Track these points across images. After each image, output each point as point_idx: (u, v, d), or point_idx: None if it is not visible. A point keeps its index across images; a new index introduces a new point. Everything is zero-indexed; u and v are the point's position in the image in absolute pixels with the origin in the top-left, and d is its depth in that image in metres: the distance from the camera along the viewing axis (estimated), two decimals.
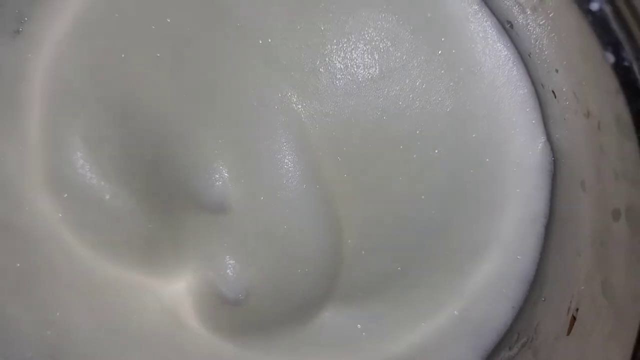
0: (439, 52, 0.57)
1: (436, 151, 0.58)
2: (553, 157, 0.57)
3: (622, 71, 0.38)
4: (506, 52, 0.57)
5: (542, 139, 0.56)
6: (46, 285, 0.59)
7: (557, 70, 0.49)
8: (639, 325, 0.41)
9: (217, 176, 0.56)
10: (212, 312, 0.60)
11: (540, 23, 0.50)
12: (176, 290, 0.60)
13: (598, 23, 0.39)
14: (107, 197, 0.59)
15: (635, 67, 0.37)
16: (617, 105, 0.39)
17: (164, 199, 0.58)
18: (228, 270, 0.58)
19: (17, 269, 0.59)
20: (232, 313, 0.60)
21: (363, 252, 0.60)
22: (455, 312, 0.61)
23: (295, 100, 0.57)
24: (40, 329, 0.58)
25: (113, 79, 0.58)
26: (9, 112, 0.59)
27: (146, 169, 0.58)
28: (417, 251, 0.60)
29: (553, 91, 0.52)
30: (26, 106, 0.59)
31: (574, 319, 0.50)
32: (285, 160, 0.57)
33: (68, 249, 0.60)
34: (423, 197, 0.59)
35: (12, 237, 0.59)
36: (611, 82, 0.39)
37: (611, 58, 0.38)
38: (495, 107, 0.56)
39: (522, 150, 0.57)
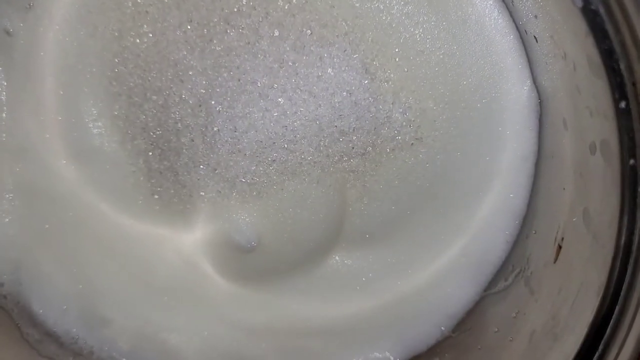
0: (425, 4, 0.60)
1: (429, 101, 0.61)
2: (539, 99, 0.60)
3: (590, 15, 0.41)
4: (492, 1, 0.59)
5: (528, 82, 0.60)
6: (75, 243, 0.64)
7: (536, 17, 0.52)
8: (614, 247, 0.45)
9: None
10: (227, 261, 0.65)
11: None
12: (193, 242, 0.65)
13: None
14: (120, 158, 0.63)
15: (601, 11, 0.40)
16: (587, 46, 0.42)
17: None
18: (240, 220, 0.63)
19: (47, 230, 0.63)
20: (246, 260, 0.64)
21: (365, 200, 0.64)
22: (456, 250, 0.65)
23: None
24: (73, 283, 0.63)
25: (122, 52, 0.62)
26: (26, 84, 0.62)
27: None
28: (418, 196, 0.64)
29: (535, 37, 0.55)
30: (40, 77, 0.62)
31: (559, 247, 0.55)
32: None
33: (91, 209, 0.64)
34: (420, 144, 0.63)
35: (39, 200, 0.63)
36: (581, 25, 0.42)
37: (579, 2, 0.41)
38: (483, 54, 0.60)
39: (511, 94, 0.60)
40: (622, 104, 0.41)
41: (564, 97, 0.52)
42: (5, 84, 0.62)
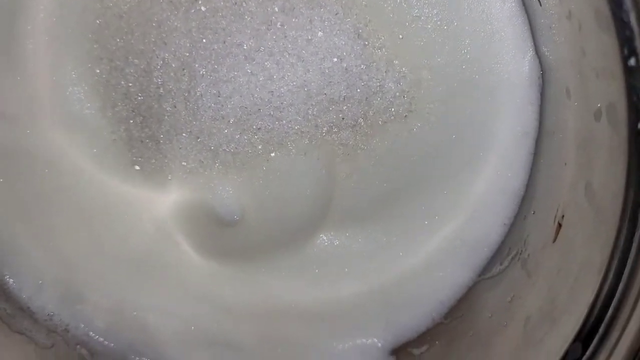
0: None
1: (424, 71, 0.58)
2: (541, 70, 0.57)
3: None
4: None
5: (530, 52, 0.56)
6: (52, 215, 0.61)
7: None
8: (618, 222, 0.42)
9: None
10: (208, 236, 0.62)
11: None
12: (174, 215, 0.62)
13: None
14: (100, 125, 0.61)
15: None
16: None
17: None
18: (223, 192, 0.60)
19: (23, 200, 0.61)
20: (228, 236, 0.61)
21: (354, 177, 0.61)
22: (450, 231, 0.62)
23: None
24: (49, 257, 0.61)
25: (104, 13, 0.59)
26: (4, 46, 0.60)
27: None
28: (410, 173, 0.61)
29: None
30: (19, 39, 0.60)
31: (559, 226, 0.51)
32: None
33: (70, 178, 0.61)
34: (414, 117, 0.59)
35: (15, 168, 0.60)
36: None
37: None
38: (483, 22, 0.56)
39: (512, 65, 0.57)
40: (632, 61, 0.38)
41: (567, 63, 0.49)
42: None
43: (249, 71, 0.57)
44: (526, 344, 0.50)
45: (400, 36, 0.58)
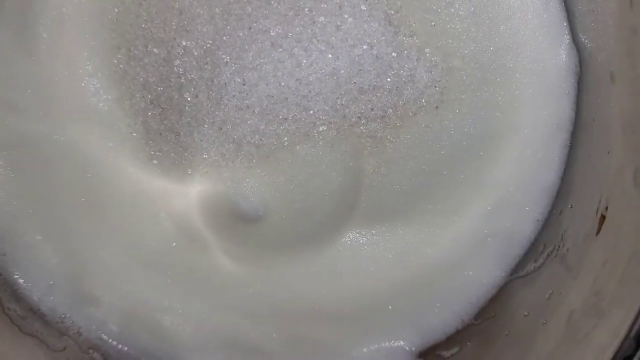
0: None
1: (456, 59, 0.56)
2: (578, 58, 0.55)
3: None
4: None
5: (567, 40, 0.55)
6: (65, 211, 0.59)
7: None
8: None
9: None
10: (229, 233, 0.59)
11: None
12: (193, 211, 0.59)
13: None
14: (117, 118, 0.58)
15: None
16: None
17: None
18: (246, 186, 0.57)
19: (35, 195, 0.58)
20: (250, 233, 0.59)
21: (384, 170, 0.59)
22: (479, 228, 0.60)
23: None
24: (61, 256, 0.58)
25: (125, 5, 0.57)
26: (18, 35, 0.58)
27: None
28: (440, 167, 0.59)
29: None
30: (33, 27, 0.58)
31: (603, 217, 0.49)
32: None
33: (84, 173, 0.59)
34: (445, 108, 0.57)
35: (27, 162, 0.58)
36: None
37: None
38: (519, 7, 0.55)
39: (548, 54, 0.55)
40: None
41: (613, 46, 0.47)
42: None
43: (276, 58, 0.55)
44: (570, 340, 0.47)
45: (433, 23, 0.56)
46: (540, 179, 0.59)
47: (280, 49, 0.55)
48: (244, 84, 0.56)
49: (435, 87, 0.57)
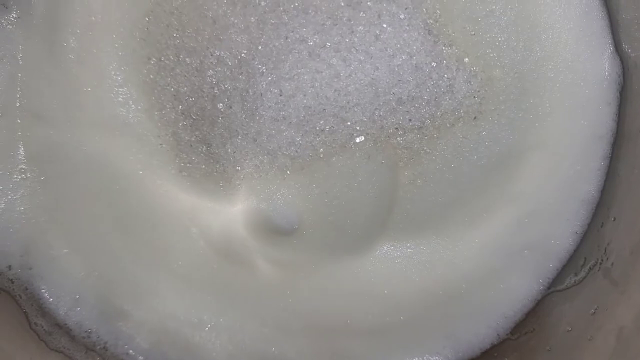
0: None
1: (496, 69, 0.55)
2: (622, 67, 0.54)
3: None
4: None
5: (610, 49, 0.54)
6: (92, 224, 0.57)
7: None
8: None
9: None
10: (261, 246, 0.58)
11: None
12: (225, 223, 0.58)
13: None
14: (146, 129, 0.57)
15: None
16: None
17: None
18: (281, 199, 0.56)
19: (61, 207, 0.57)
20: (283, 246, 0.58)
21: (419, 182, 0.58)
22: (515, 240, 0.59)
23: None
24: (88, 269, 0.57)
25: (153, 9, 0.56)
26: (44, 43, 0.57)
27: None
28: (475, 179, 0.58)
29: None
30: (60, 36, 0.57)
31: None
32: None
33: (111, 185, 0.58)
34: (483, 119, 0.56)
35: (54, 174, 0.57)
36: None
37: None
38: (561, 16, 0.54)
39: (590, 63, 0.54)
40: None
41: None
42: (22, 43, 0.56)
43: (314, 68, 0.54)
44: (622, 356, 0.46)
45: (472, 32, 0.55)
46: (579, 191, 0.58)
47: (318, 59, 0.54)
48: (280, 95, 0.55)
49: (474, 97, 0.56)
